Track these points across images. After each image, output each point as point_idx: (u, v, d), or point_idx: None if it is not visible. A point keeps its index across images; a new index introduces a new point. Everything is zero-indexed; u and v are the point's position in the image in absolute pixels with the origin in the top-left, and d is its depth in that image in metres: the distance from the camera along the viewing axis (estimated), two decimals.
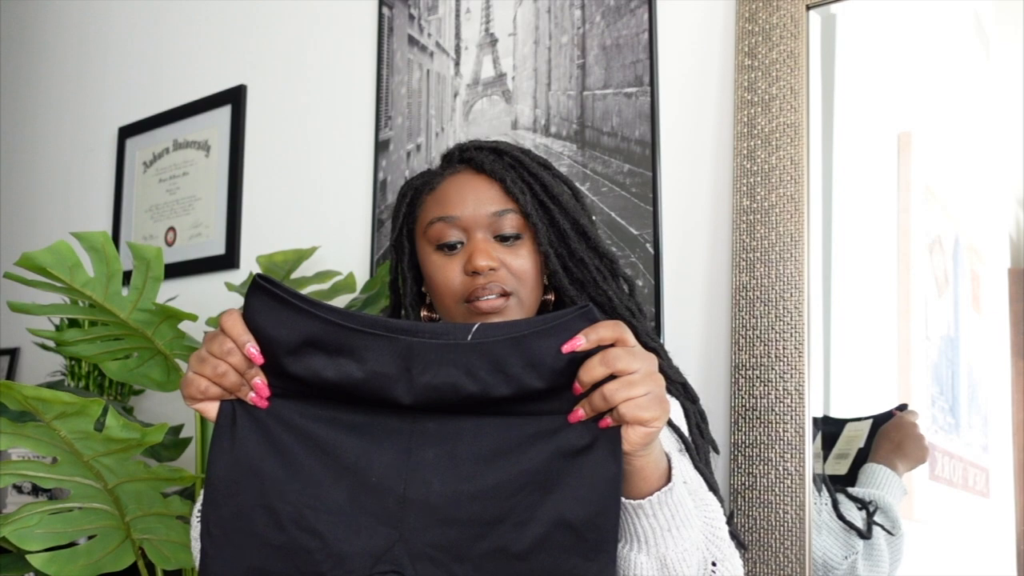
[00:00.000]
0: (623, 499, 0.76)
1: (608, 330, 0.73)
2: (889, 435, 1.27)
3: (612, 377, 0.72)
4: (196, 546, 0.91)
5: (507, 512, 0.74)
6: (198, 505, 0.93)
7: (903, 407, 1.29)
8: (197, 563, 0.91)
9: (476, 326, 0.75)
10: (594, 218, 1.14)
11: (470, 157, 1.05)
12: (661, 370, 0.87)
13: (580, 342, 0.73)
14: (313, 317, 0.75)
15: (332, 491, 0.76)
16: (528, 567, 0.73)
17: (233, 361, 0.75)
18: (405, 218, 1.08)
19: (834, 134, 1.38)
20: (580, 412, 0.74)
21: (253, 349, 0.75)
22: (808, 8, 1.36)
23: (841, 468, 1.29)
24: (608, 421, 0.73)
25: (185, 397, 0.77)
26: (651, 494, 0.77)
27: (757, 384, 1.28)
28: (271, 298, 0.75)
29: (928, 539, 1.26)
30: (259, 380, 0.76)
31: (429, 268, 1.03)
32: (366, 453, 0.76)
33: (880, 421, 1.29)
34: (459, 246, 1.01)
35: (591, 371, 0.72)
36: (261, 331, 0.75)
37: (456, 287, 1.00)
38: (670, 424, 1.01)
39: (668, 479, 0.78)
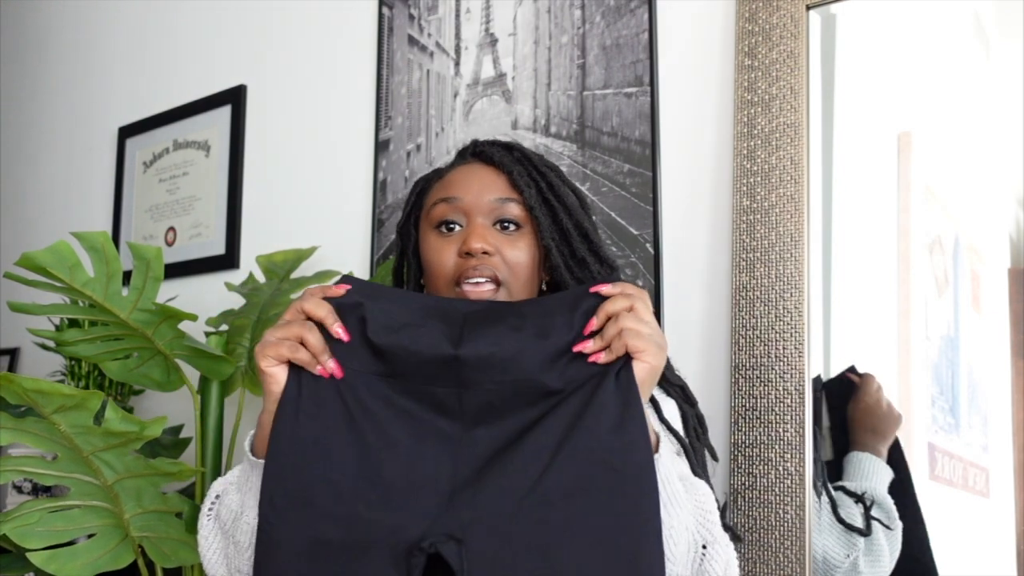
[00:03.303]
0: None
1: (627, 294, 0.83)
2: (862, 421, 1.28)
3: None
4: (205, 544, 0.91)
5: (546, 465, 0.78)
6: (208, 505, 0.94)
7: (852, 369, 1.29)
8: (207, 561, 0.91)
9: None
10: (597, 225, 1.14)
11: (481, 151, 1.07)
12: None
13: (593, 325, 0.82)
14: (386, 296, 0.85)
15: (388, 465, 0.80)
16: (572, 514, 0.77)
17: (311, 337, 0.82)
18: (413, 206, 1.10)
19: (834, 134, 1.38)
20: (588, 343, 0.80)
21: (339, 328, 0.82)
22: (808, 8, 1.36)
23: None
24: (600, 356, 0.80)
25: (261, 356, 0.82)
26: None
27: (757, 384, 1.28)
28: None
29: (928, 539, 1.26)
30: (332, 362, 0.82)
31: (426, 249, 1.03)
32: (420, 431, 0.81)
33: (830, 387, 1.29)
34: (457, 228, 1.01)
35: (614, 303, 0.81)
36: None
37: (449, 268, 1.00)
38: (668, 427, 1.01)
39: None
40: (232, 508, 0.88)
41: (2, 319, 2.28)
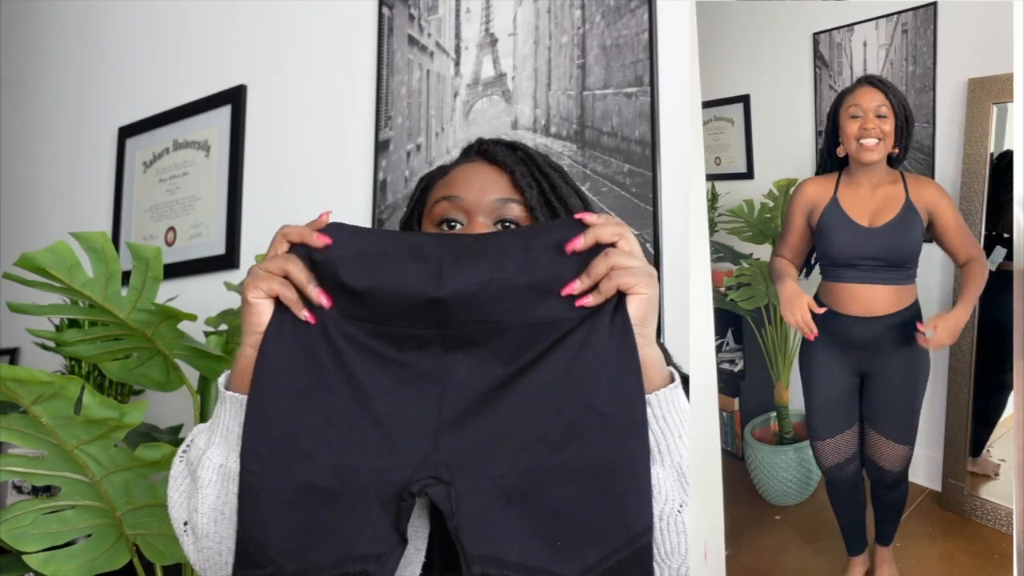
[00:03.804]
0: None
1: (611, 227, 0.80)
2: None
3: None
4: (173, 484, 0.91)
5: (536, 409, 0.77)
6: (183, 447, 0.93)
7: None
8: (171, 502, 0.90)
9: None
10: None
11: (486, 149, 1.07)
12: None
13: (579, 243, 0.79)
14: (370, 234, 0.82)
15: (372, 410, 0.79)
16: (561, 459, 0.76)
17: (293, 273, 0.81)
18: (417, 202, 1.10)
19: None
20: (576, 283, 0.78)
21: (316, 292, 0.81)
22: None
23: None
24: (588, 300, 0.78)
25: (251, 287, 0.81)
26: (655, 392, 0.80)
27: None
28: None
29: None
30: (323, 297, 0.81)
31: None
32: (402, 375, 0.80)
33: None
34: (458, 226, 1.01)
35: (603, 228, 0.79)
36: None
37: None
38: None
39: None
40: (200, 447, 0.89)
41: (2, 319, 2.27)
